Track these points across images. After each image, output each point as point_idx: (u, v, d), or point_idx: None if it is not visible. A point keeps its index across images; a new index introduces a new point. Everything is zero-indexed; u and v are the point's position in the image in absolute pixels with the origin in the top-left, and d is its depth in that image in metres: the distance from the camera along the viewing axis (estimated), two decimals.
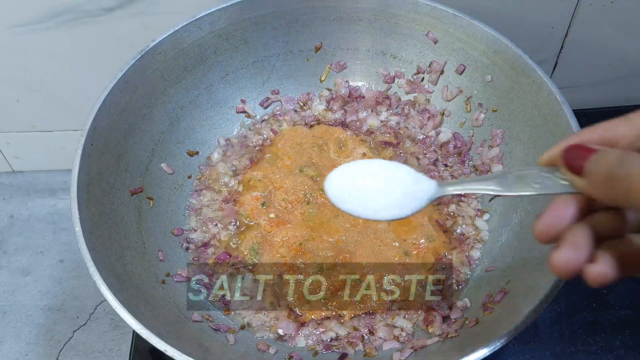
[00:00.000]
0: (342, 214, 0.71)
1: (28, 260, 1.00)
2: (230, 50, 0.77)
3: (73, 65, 0.88)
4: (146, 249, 0.67)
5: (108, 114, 0.66)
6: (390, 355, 0.62)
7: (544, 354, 0.70)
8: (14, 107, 0.95)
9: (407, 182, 0.46)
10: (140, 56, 0.69)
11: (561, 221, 0.36)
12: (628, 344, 0.70)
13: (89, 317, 0.94)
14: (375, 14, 0.77)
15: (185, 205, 0.75)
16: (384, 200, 0.46)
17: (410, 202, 0.45)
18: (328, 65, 0.82)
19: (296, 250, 0.69)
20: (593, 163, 0.35)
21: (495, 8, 0.80)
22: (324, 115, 0.82)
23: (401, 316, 0.65)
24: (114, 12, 0.81)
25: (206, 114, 0.78)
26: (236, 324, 0.66)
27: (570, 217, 0.37)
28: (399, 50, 0.79)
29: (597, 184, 0.35)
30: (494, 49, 0.71)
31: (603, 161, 0.35)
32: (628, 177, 0.33)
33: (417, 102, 0.80)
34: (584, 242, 0.35)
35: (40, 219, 1.05)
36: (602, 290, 0.74)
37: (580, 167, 0.36)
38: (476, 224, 0.72)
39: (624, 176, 0.33)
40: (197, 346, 0.59)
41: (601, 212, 0.37)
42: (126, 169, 0.69)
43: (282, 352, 0.64)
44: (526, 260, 0.62)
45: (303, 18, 0.78)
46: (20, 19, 0.82)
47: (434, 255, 0.69)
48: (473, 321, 0.61)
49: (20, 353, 0.90)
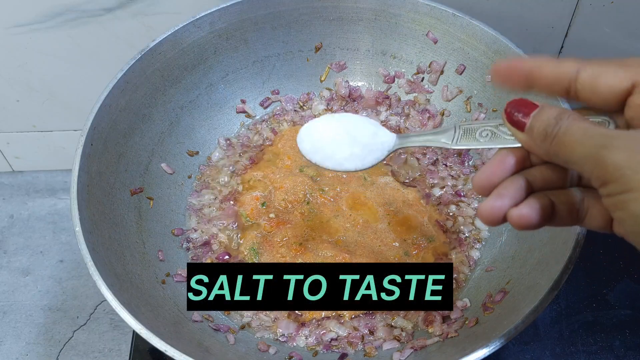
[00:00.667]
0: (342, 214, 0.71)
1: (28, 260, 1.00)
2: (230, 50, 0.77)
3: (73, 65, 0.88)
4: (146, 249, 0.67)
5: (108, 114, 0.66)
6: (390, 355, 0.62)
7: (543, 354, 0.70)
8: (14, 107, 0.95)
9: (369, 135, 0.50)
10: (140, 56, 0.69)
11: (496, 175, 0.38)
12: (628, 344, 0.70)
13: (89, 317, 0.94)
14: (375, 14, 0.77)
15: (185, 205, 0.75)
16: (348, 152, 0.50)
17: (371, 154, 0.50)
18: (328, 65, 0.82)
19: (296, 250, 0.69)
20: (533, 120, 0.36)
21: (495, 8, 0.80)
22: (324, 115, 0.82)
23: (401, 316, 0.65)
24: (114, 12, 0.81)
25: (206, 114, 0.78)
26: (236, 324, 0.66)
27: (506, 171, 0.38)
28: (399, 50, 0.79)
29: (535, 140, 0.36)
30: (494, 49, 0.71)
31: (541, 118, 0.36)
32: (563, 135, 0.34)
33: (417, 102, 0.80)
34: (511, 192, 0.37)
35: (40, 219, 1.05)
36: (602, 290, 0.74)
37: (521, 123, 0.37)
38: (476, 224, 0.72)
39: (559, 134, 0.34)
40: (197, 346, 0.59)
41: (542, 166, 0.38)
42: (126, 169, 0.69)
43: (282, 352, 0.64)
44: (526, 260, 0.62)
45: (303, 18, 0.78)
46: (20, 19, 0.82)
47: (434, 255, 0.69)
48: (473, 321, 0.61)
49: (20, 353, 0.90)
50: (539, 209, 0.36)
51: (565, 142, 0.34)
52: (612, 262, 0.76)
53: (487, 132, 0.40)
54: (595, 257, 0.76)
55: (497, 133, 0.39)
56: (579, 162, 0.33)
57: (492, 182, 0.38)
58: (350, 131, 0.51)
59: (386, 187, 0.74)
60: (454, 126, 0.43)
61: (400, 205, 0.72)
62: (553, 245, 0.58)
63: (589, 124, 0.34)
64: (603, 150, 0.31)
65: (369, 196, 0.73)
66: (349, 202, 0.72)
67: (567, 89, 0.36)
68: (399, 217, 0.71)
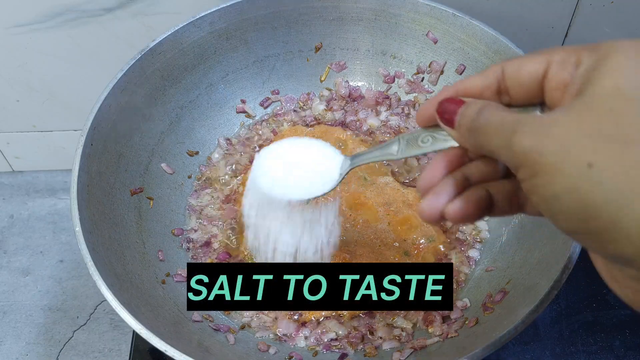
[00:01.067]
0: (342, 214, 0.71)
1: (28, 260, 1.00)
2: (230, 50, 0.77)
3: (73, 65, 0.88)
4: (146, 249, 0.67)
5: (108, 114, 0.66)
6: (390, 355, 0.62)
7: (543, 354, 0.70)
8: (14, 107, 0.95)
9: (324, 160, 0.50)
10: (140, 56, 0.69)
11: (436, 177, 0.39)
12: (628, 344, 0.70)
13: (89, 317, 0.93)
14: (375, 14, 0.77)
15: (185, 205, 0.75)
16: (310, 181, 0.50)
17: (329, 179, 0.50)
18: (328, 65, 0.82)
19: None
20: (460, 116, 0.37)
21: (495, 8, 0.80)
22: (324, 115, 0.82)
23: (401, 316, 0.65)
24: (114, 12, 0.81)
25: (206, 114, 0.78)
26: (236, 324, 0.66)
27: (445, 171, 0.39)
28: (399, 50, 0.79)
29: (463, 135, 0.37)
30: (494, 49, 0.71)
31: (466, 113, 0.37)
32: (483, 127, 0.35)
33: (417, 102, 0.80)
34: (446, 188, 0.38)
35: (40, 219, 1.05)
36: (602, 290, 0.74)
37: (451, 120, 0.38)
38: (476, 224, 0.72)
39: (480, 126, 0.35)
40: (197, 346, 0.59)
41: (478, 160, 0.39)
42: (126, 169, 0.69)
43: (282, 352, 0.64)
44: (526, 260, 0.62)
45: (303, 18, 0.78)
46: (20, 19, 0.82)
47: (434, 255, 0.69)
48: (473, 321, 0.61)
49: (20, 353, 0.90)
50: (473, 201, 0.37)
51: (486, 133, 0.34)
52: None
53: (428, 138, 0.41)
54: None
55: (436, 137, 0.41)
56: (497, 151, 0.34)
57: (433, 183, 0.39)
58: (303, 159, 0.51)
59: (386, 187, 0.74)
60: (398, 138, 0.44)
61: (400, 205, 0.72)
62: (553, 245, 0.58)
63: (507, 112, 0.34)
64: (513, 136, 0.32)
65: (369, 196, 0.73)
66: (348, 202, 0.72)
67: (497, 90, 0.37)
68: (399, 217, 0.71)
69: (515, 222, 0.68)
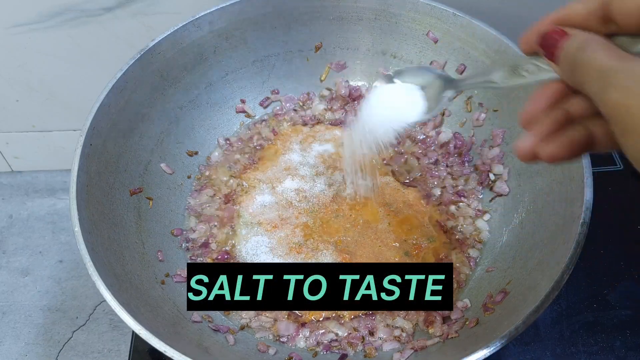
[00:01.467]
0: (342, 214, 0.71)
1: (27, 260, 1.00)
2: (230, 49, 0.77)
3: (73, 65, 0.88)
4: (145, 249, 0.67)
5: (107, 114, 0.66)
6: (391, 356, 0.62)
7: (544, 354, 0.70)
8: (13, 107, 0.95)
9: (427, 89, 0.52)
10: (140, 56, 0.69)
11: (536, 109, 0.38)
12: (629, 345, 0.70)
13: (88, 317, 0.93)
14: (375, 14, 0.77)
15: (185, 206, 0.75)
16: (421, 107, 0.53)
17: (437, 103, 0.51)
18: (328, 65, 0.82)
19: (296, 250, 0.68)
20: (562, 50, 0.36)
21: (495, 8, 0.80)
22: (323, 115, 0.82)
23: (401, 316, 0.65)
24: (114, 11, 0.81)
25: (206, 114, 0.78)
26: (236, 324, 0.66)
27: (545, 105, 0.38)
28: (399, 49, 0.79)
29: (565, 69, 0.36)
30: (495, 48, 0.71)
31: (568, 48, 0.35)
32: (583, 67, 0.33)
33: None
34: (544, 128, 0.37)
35: (39, 219, 1.05)
36: (602, 290, 0.74)
37: (553, 53, 0.36)
38: (476, 224, 0.72)
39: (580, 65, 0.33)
40: (196, 347, 0.58)
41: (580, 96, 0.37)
42: (125, 169, 0.68)
43: (282, 353, 0.63)
44: (527, 260, 0.62)
45: (303, 18, 0.77)
46: (20, 18, 0.82)
47: (434, 256, 0.69)
48: (473, 322, 0.61)
49: (20, 353, 0.90)
50: (566, 144, 0.36)
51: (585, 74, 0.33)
52: (612, 263, 0.76)
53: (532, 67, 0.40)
54: (595, 257, 0.76)
55: (540, 66, 0.39)
56: (593, 97, 0.32)
57: (534, 117, 0.38)
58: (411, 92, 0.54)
59: (386, 187, 0.73)
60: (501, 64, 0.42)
61: (400, 205, 0.72)
62: (553, 246, 0.58)
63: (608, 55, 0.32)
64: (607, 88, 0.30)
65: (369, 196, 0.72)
66: (349, 202, 0.72)
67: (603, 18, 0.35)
68: (399, 217, 0.71)
69: (515, 222, 0.68)
